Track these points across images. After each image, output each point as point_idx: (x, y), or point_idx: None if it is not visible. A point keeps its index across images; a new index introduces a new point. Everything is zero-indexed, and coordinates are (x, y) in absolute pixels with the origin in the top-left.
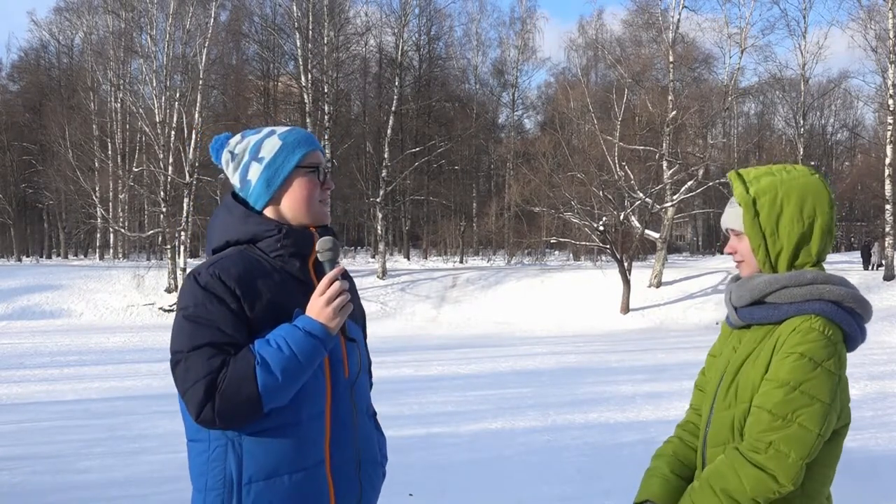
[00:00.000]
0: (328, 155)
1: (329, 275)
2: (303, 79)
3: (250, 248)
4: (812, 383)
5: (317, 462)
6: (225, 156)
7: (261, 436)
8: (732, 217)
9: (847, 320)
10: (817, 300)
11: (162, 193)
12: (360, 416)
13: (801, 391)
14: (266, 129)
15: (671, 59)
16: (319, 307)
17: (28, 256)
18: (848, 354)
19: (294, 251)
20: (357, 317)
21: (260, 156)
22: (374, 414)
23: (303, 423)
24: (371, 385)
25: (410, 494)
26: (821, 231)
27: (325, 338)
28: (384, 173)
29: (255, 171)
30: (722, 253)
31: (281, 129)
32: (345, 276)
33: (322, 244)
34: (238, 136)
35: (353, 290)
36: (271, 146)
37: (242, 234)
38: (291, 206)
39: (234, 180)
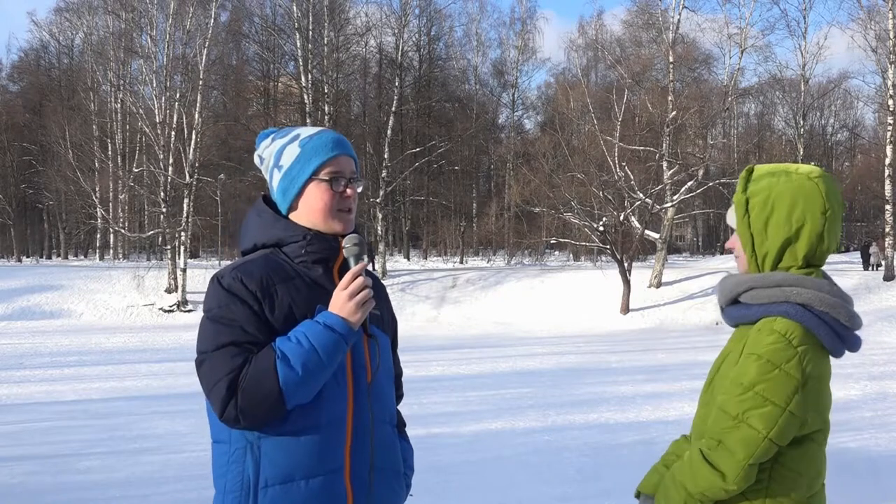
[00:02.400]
0: None
1: (353, 270)
2: (303, 79)
3: (276, 251)
4: (767, 385)
5: (335, 468)
6: (256, 158)
7: (279, 439)
8: (731, 214)
9: (816, 324)
10: (783, 302)
11: (162, 194)
12: (378, 423)
13: (755, 392)
14: (293, 133)
15: (671, 59)
16: (342, 302)
17: (28, 257)
18: (844, 357)
19: (318, 257)
20: (385, 323)
21: (280, 163)
22: (405, 425)
23: (322, 427)
24: (402, 396)
25: (411, 494)
26: (808, 237)
27: (345, 332)
28: (384, 173)
29: (276, 179)
30: (722, 253)
31: (306, 134)
32: (373, 280)
33: (348, 240)
34: (268, 139)
35: (384, 298)
36: (290, 154)
37: (269, 238)
38: (307, 215)
39: (268, 182)
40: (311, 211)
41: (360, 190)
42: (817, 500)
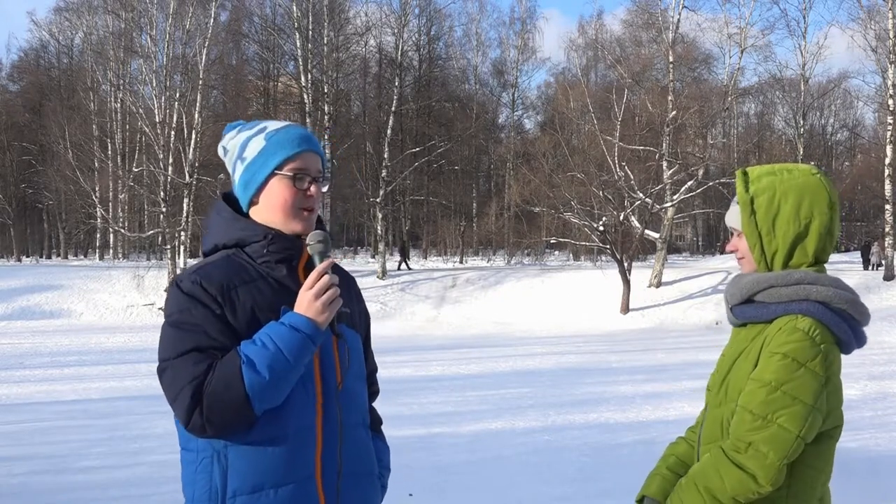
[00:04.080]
0: (328, 155)
1: (318, 268)
2: (303, 79)
3: (238, 252)
4: (794, 384)
5: (306, 476)
6: (220, 149)
7: (246, 448)
8: (734, 215)
9: (835, 321)
10: (804, 300)
11: (162, 193)
12: (349, 427)
13: (782, 392)
14: (260, 125)
15: (671, 59)
16: (307, 302)
17: (28, 256)
18: (844, 356)
19: (281, 257)
20: (355, 320)
21: (244, 155)
22: (381, 422)
23: (290, 436)
24: (377, 392)
25: (410, 494)
26: (817, 232)
27: (312, 333)
28: (384, 173)
29: (238, 171)
30: (722, 253)
31: (273, 127)
32: (342, 275)
33: (312, 237)
34: (234, 131)
35: (355, 293)
36: (255, 146)
37: (229, 239)
38: (267, 211)
39: (231, 174)
40: (271, 207)
41: (325, 190)
42: (827, 496)
